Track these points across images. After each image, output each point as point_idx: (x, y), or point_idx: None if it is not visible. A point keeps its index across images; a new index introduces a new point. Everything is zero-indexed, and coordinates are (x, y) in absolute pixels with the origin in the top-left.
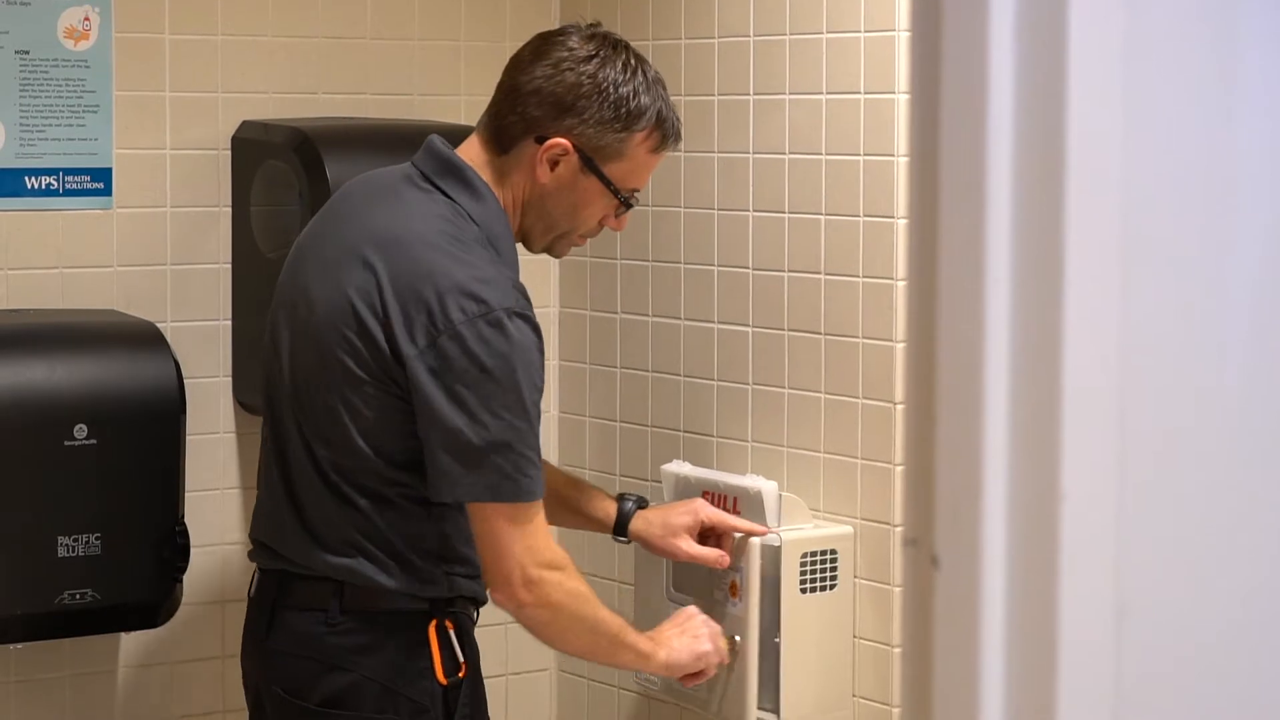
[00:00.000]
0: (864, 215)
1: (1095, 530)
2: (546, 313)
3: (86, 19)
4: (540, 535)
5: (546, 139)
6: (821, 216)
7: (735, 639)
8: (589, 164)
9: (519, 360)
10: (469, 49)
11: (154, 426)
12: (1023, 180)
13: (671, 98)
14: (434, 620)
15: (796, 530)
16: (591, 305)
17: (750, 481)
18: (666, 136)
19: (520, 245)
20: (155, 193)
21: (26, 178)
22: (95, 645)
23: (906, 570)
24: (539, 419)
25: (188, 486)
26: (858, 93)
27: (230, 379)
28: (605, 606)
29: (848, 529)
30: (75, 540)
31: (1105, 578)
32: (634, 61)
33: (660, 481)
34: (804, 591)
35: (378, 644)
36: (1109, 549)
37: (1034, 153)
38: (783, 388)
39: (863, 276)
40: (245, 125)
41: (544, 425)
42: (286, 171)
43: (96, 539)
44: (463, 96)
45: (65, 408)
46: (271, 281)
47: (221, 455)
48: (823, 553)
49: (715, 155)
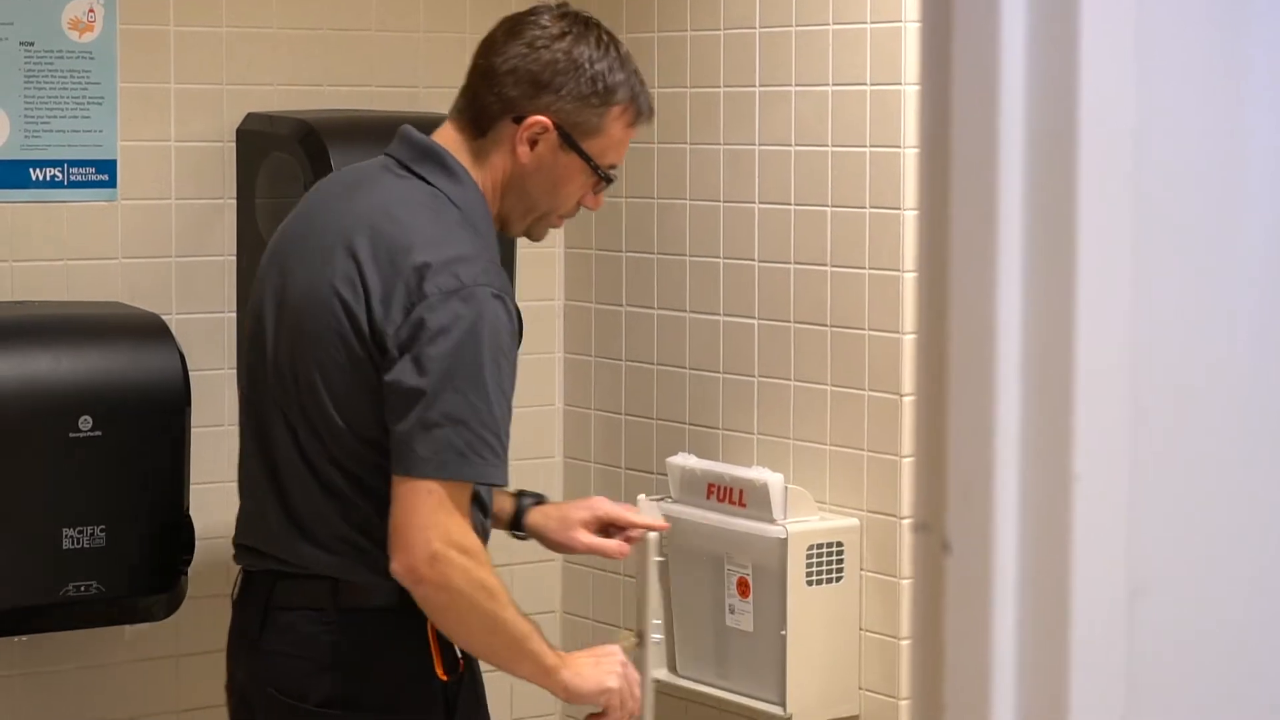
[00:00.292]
0: (870, 207)
1: (1107, 512)
2: (551, 305)
3: (91, 10)
4: (460, 519)
5: (524, 118)
6: (827, 208)
7: (639, 634)
8: (568, 140)
9: (488, 339)
10: (474, 41)
11: (159, 419)
12: (1035, 164)
13: (677, 90)
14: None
15: (802, 522)
16: (597, 298)
17: (756, 474)
18: (641, 111)
19: (499, 230)
20: (160, 185)
21: (31, 169)
22: (100, 638)
23: (917, 556)
24: (507, 404)
25: (192, 479)
26: (864, 84)
27: (235, 371)
28: (517, 611)
29: (854, 521)
30: (80, 532)
31: (1117, 559)
32: (606, 38)
33: (666, 474)
34: (810, 584)
35: (377, 642)
36: (1121, 530)
37: (1046, 138)
38: (789, 380)
39: (869, 268)
40: (250, 117)
41: (550, 418)
42: (291, 163)
43: (101, 531)
44: None
45: (70, 400)
46: None
47: (226, 447)
48: (829, 545)
49: (721, 147)
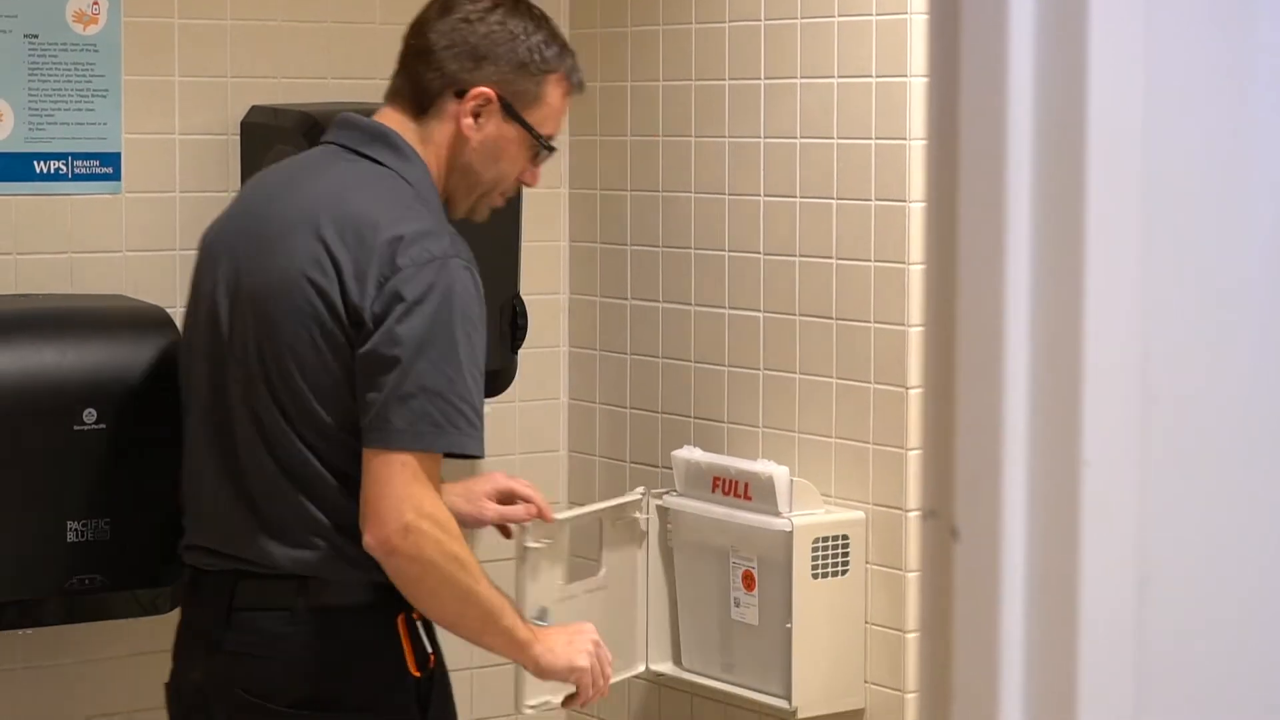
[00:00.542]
0: (876, 199)
1: (1116, 499)
2: (556, 299)
3: (95, 3)
4: (432, 491)
5: (467, 91)
6: (833, 201)
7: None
8: (509, 111)
9: (460, 310)
10: None
11: (163, 411)
12: (1043, 155)
13: (682, 83)
14: (401, 614)
15: (808, 515)
16: (601, 291)
17: (761, 467)
18: (575, 82)
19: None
20: (164, 177)
21: (35, 162)
22: (104, 630)
23: (925, 542)
24: (480, 374)
25: None
26: (869, 76)
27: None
28: (490, 585)
29: (859, 514)
30: (84, 525)
31: (1127, 547)
32: (536, 12)
33: (671, 468)
34: (815, 577)
35: (347, 640)
36: (1130, 518)
37: (1054, 130)
38: (794, 373)
39: (874, 261)
40: (254, 110)
41: (554, 412)
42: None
43: (106, 524)
44: None
45: (74, 392)
46: None
47: None
48: (834, 538)
49: (726, 140)
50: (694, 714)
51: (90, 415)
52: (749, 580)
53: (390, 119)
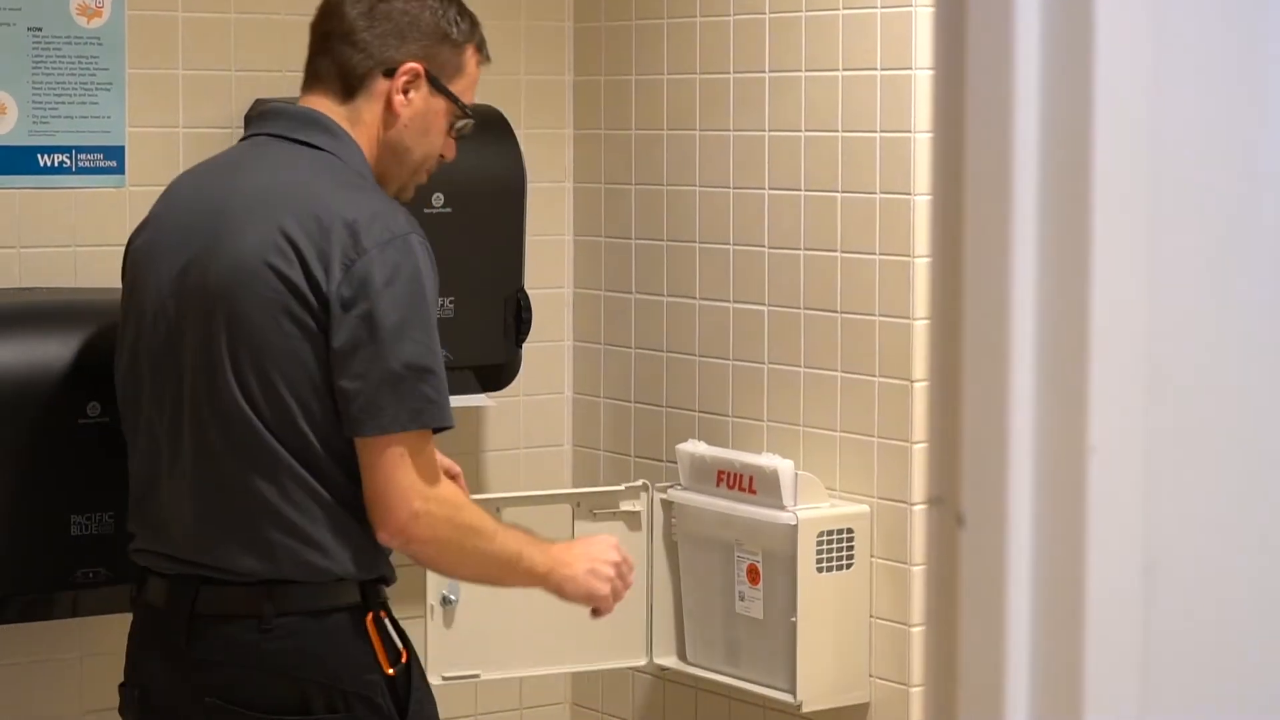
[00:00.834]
0: (880, 192)
1: (1122, 485)
2: (560, 293)
3: None
4: (430, 465)
5: (395, 69)
6: (838, 194)
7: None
8: (435, 84)
9: (427, 286)
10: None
11: None
12: (1050, 140)
13: (686, 76)
14: (370, 613)
15: (812, 509)
16: (606, 285)
17: (766, 460)
18: (484, 49)
19: None
20: (168, 171)
21: (39, 155)
22: (108, 624)
23: (931, 529)
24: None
25: None
26: (874, 69)
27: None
28: (504, 533)
29: (864, 508)
30: (88, 519)
31: (1133, 532)
32: None
33: (675, 462)
34: (820, 571)
35: (319, 645)
36: (1136, 503)
37: (1061, 115)
38: (799, 366)
39: (879, 254)
40: (258, 103)
41: (559, 406)
42: None
43: (110, 517)
44: None
45: (78, 386)
46: None
47: None
48: (839, 532)
49: (731, 134)
50: (699, 708)
51: (94, 409)
52: (753, 574)
53: (317, 104)
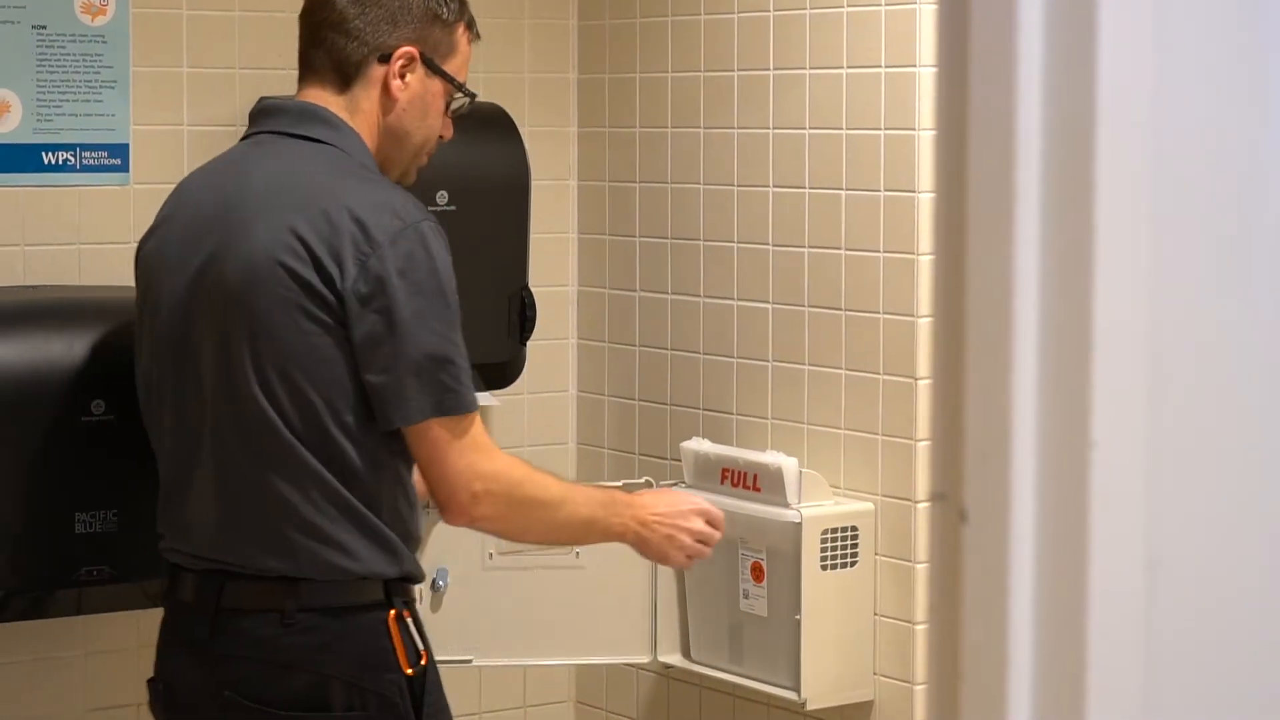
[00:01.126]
0: (884, 190)
1: (1125, 481)
2: (564, 291)
3: None
4: (479, 447)
5: (390, 54)
6: (842, 191)
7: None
8: (431, 66)
9: (443, 272)
10: (483, 26)
11: None
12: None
13: (690, 74)
14: (392, 611)
15: (817, 507)
16: (610, 283)
17: (770, 458)
18: (473, 27)
19: None
20: (173, 169)
21: (43, 153)
22: (112, 622)
23: (934, 525)
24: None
25: None
26: (878, 66)
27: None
28: (575, 501)
29: (868, 505)
30: (92, 516)
31: (1135, 528)
32: None
33: (680, 459)
34: (824, 569)
35: (339, 641)
36: (1139, 499)
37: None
38: (803, 364)
39: (883, 251)
40: (263, 101)
41: (563, 404)
42: None
43: (114, 515)
44: (480, 74)
45: (82, 384)
46: None
47: None
48: (843, 529)
49: (735, 131)
50: (703, 706)
51: (98, 406)
52: (758, 572)
53: (314, 96)
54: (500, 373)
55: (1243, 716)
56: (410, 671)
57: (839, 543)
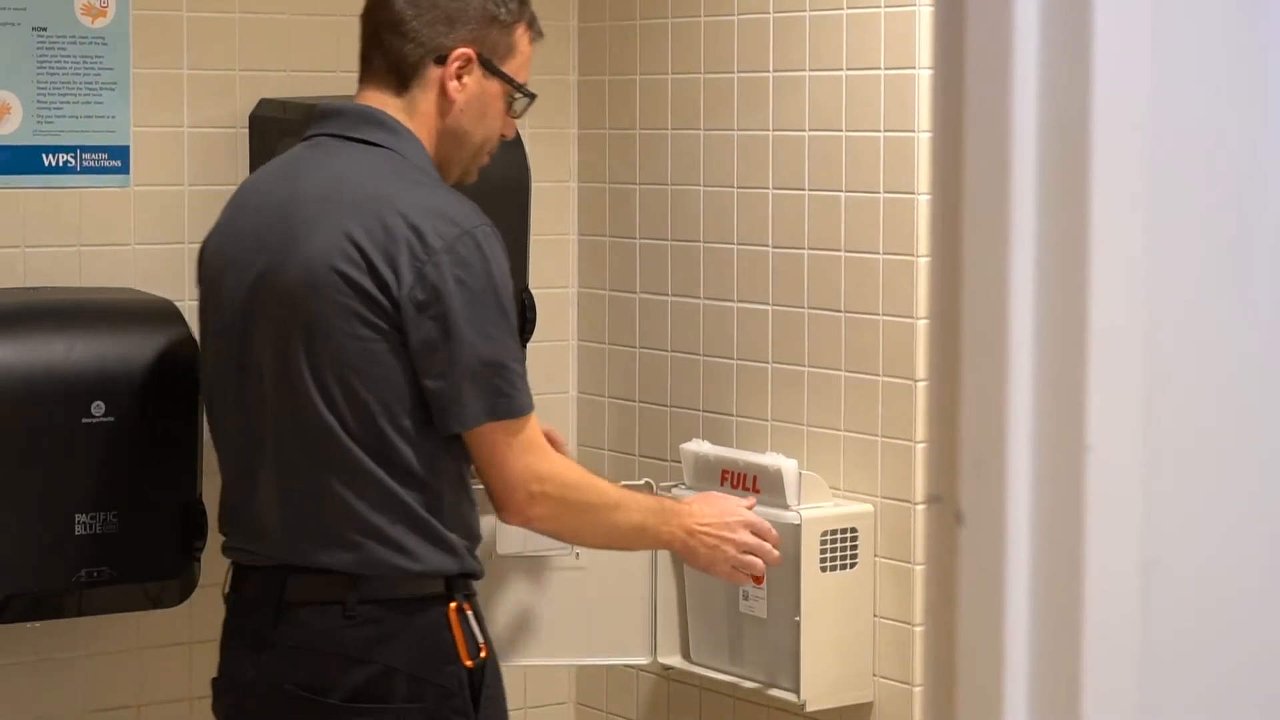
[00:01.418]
0: (884, 192)
1: (1121, 482)
2: (564, 293)
3: None
4: (536, 450)
5: (447, 56)
6: (841, 194)
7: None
8: (489, 67)
9: (498, 277)
10: None
11: (171, 404)
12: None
13: (690, 76)
14: (453, 603)
15: (816, 509)
16: (610, 285)
17: (770, 460)
18: (536, 29)
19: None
20: (173, 171)
21: (44, 155)
22: (112, 624)
23: (930, 527)
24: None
25: (205, 465)
26: (878, 68)
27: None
28: (628, 507)
29: (868, 507)
30: (93, 518)
31: (1131, 531)
32: None
33: (680, 461)
34: (824, 570)
35: (400, 632)
36: (1135, 502)
37: (1059, 115)
38: (802, 366)
39: (883, 253)
40: (263, 103)
41: (563, 406)
42: None
43: (114, 517)
44: None
45: (83, 385)
46: None
47: None
48: (843, 531)
49: (735, 133)
50: (703, 707)
51: (99, 408)
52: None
53: (372, 99)
54: None
55: (1239, 718)
56: (470, 664)
57: (839, 544)
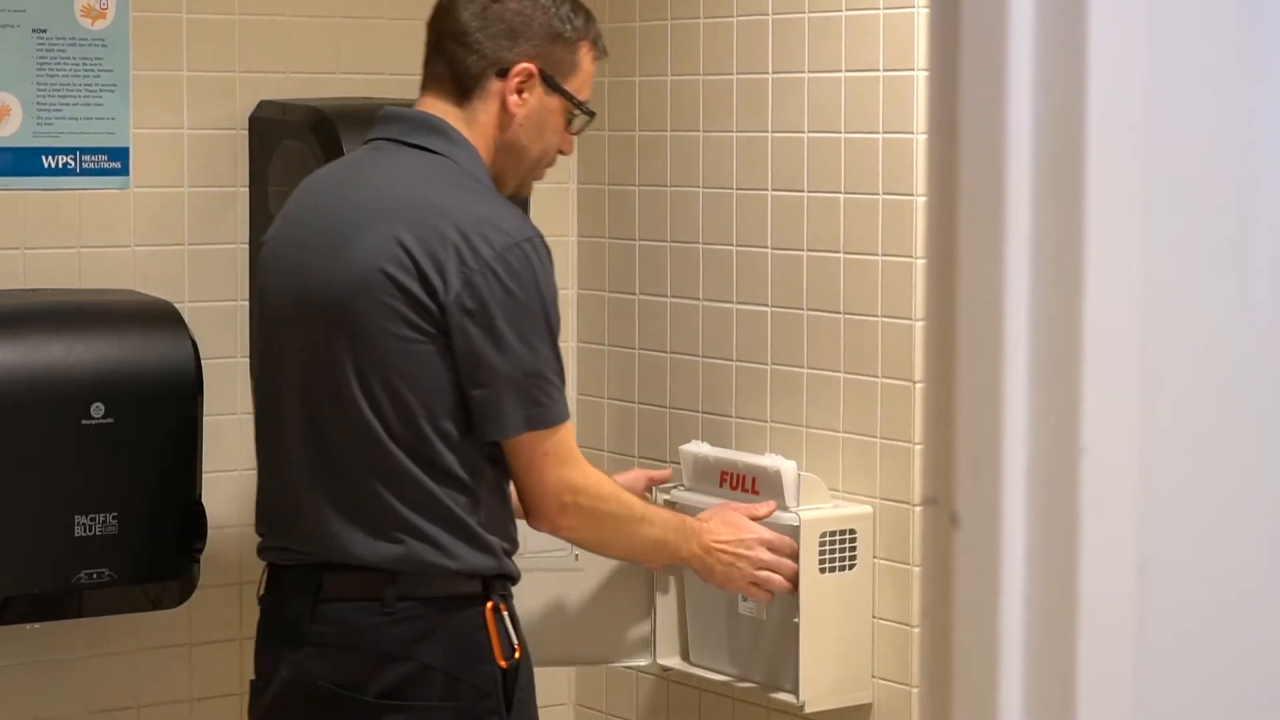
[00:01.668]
0: (883, 193)
1: (1116, 485)
2: (564, 294)
3: None
4: (569, 459)
5: (509, 70)
6: (840, 195)
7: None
8: (550, 83)
9: (545, 287)
10: None
11: (171, 406)
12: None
13: (690, 77)
14: (490, 603)
15: (815, 510)
16: (610, 286)
17: (769, 461)
18: (600, 46)
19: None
20: (173, 172)
21: (44, 157)
22: (112, 625)
23: (926, 529)
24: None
25: (205, 467)
26: (877, 70)
27: (248, 359)
28: (651, 523)
29: (867, 508)
30: (92, 520)
31: (1126, 532)
32: None
33: (679, 462)
34: (823, 571)
35: (436, 630)
36: (1130, 503)
37: (1054, 117)
38: (801, 367)
39: (882, 255)
40: (263, 105)
41: None
42: (304, 151)
43: (113, 518)
44: None
45: (82, 387)
46: None
47: (239, 435)
48: (842, 532)
49: (734, 135)
50: (702, 709)
51: (98, 410)
52: None
53: (433, 106)
54: None
55: (1234, 719)
56: (504, 664)
57: (837, 546)
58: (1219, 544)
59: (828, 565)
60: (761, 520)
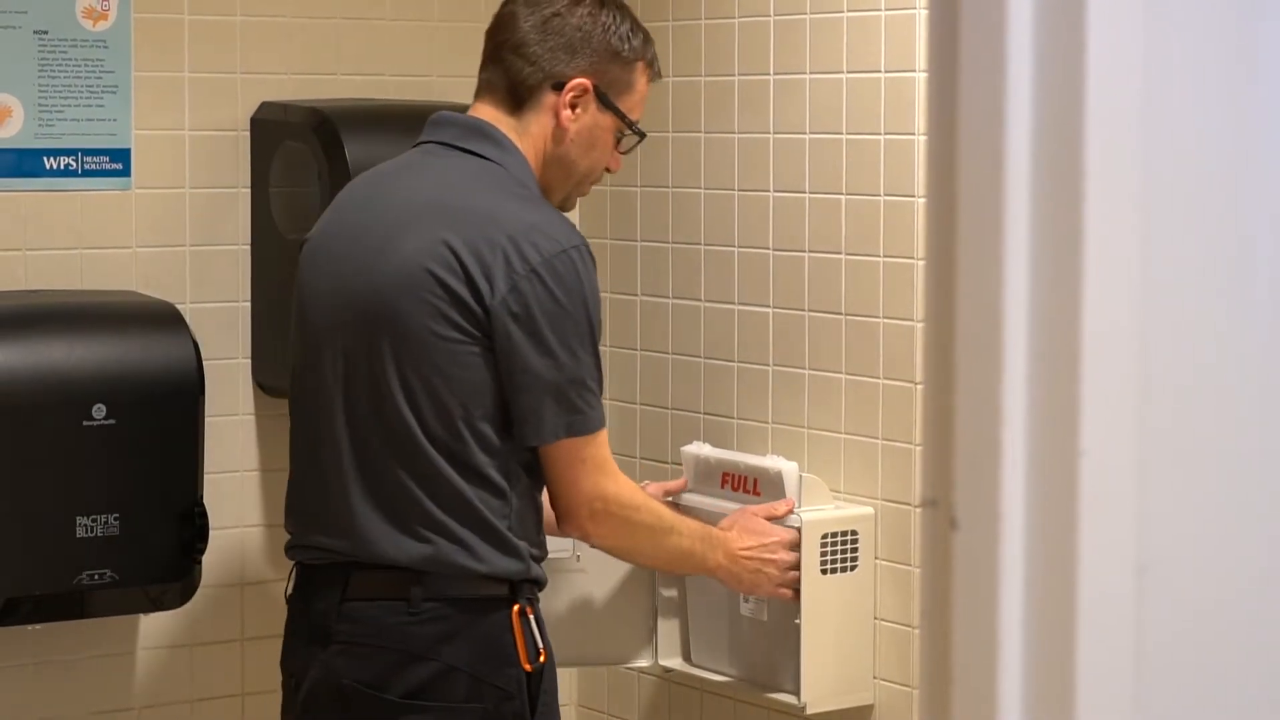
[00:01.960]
0: (884, 195)
1: (1114, 487)
2: None
3: None
4: (605, 469)
5: (565, 83)
6: (842, 196)
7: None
8: (604, 101)
9: (590, 295)
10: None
11: (173, 407)
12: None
13: (691, 79)
14: (516, 605)
15: (817, 511)
16: (611, 287)
17: (771, 462)
18: (656, 68)
19: None
20: (174, 174)
21: (45, 158)
22: (114, 626)
23: (925, 532)
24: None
25: (207, 468)
26: (878, 71)
27: (250, 361)
28: (679, 532)
29: (868, 510)
30: (94, 521)
31: (1125, 535)
32: (615, 2)
33: (680, 463)
34: (824, 572)
35: (462, 631)
36: (1128, 505)
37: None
38: (803, 368)
39: (883, 256)
40: (264, 106)
41: None
42: (305, 152)
43: (115, 519)
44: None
45: (84, 388)
46: (291, 263)
47: (241, 437)
48: (843, 533)
49: (736, 136)
50: (703, 710)
51: (100, 411)
52: None
53: (485, 113)
54: None
55: None
56: (529, 667)
57: (839, 547)
58: (1218, 546)
59: (829, 566)
60: (781, 519)
